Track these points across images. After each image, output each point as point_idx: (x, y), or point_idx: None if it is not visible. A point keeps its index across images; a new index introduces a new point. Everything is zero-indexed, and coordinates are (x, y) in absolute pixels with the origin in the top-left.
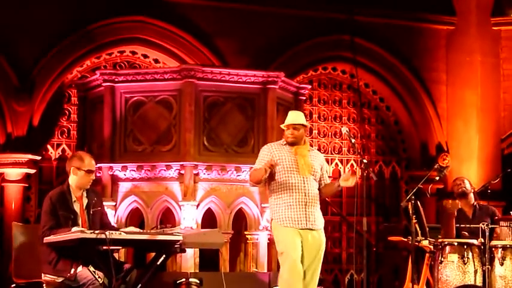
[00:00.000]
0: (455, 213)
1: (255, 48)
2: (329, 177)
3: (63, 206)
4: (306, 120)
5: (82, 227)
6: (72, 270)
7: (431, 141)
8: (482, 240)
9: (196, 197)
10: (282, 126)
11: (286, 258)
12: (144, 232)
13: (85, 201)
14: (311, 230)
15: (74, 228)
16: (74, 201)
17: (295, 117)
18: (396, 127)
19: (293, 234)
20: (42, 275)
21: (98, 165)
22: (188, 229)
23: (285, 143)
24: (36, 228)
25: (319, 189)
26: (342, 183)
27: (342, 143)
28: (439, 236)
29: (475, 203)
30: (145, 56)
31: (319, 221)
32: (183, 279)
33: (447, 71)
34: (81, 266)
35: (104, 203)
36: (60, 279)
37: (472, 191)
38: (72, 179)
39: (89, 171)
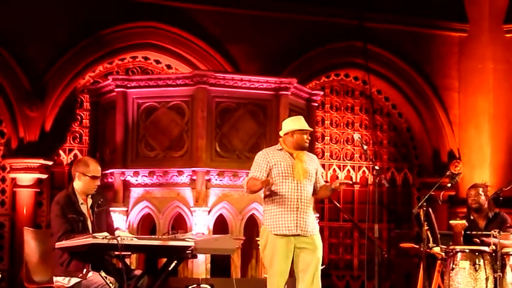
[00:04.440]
0: (463, 233)
1: (267, 55)
2: (325, 181)
3: (72, 208)
4: (318, 127)
5: (91, 228)
6: (85, 271)
7: (443, 148)
8: (494, 247)
9: (208, 203)
10: (294, 129)
11: (270, 268)
12: (156, 238)
13: (89, 201)
14: (303, 236)
15: (99, 235)
16: (81, 203)
17: (305, 123)
18: (408, 134)
19: (281, 243)
20: (54, 279)
21: (110, 170)
22: (200, 235)
23: (280, 148)
24: (48, 233)
25: (314, 192)
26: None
27: (354, 149)
28: (451, 243)
29: (489, 214)
30: (157, 62)
31: (311, 226)
32: (195, 285)
33: (459, 77)
34: (91, 271)
35: (116, 209)
36: (71, 284)
37: (487, 201)
38: (78, 184)
39: (94, 177)
